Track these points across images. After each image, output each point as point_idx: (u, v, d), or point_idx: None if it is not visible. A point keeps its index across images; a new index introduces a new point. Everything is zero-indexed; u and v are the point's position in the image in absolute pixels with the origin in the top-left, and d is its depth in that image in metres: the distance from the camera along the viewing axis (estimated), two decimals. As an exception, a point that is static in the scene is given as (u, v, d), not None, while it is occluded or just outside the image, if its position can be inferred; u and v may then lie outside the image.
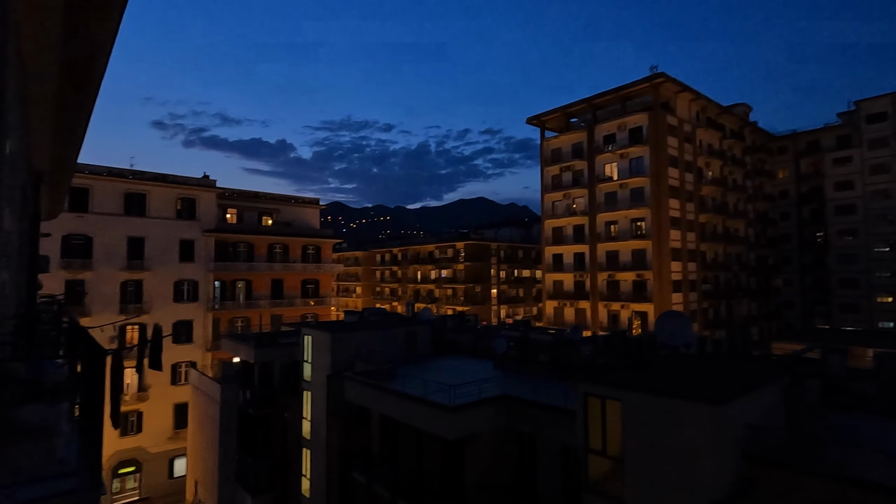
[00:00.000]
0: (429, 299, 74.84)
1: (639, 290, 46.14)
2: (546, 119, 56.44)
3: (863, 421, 13.54)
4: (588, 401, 11.70)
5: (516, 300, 76.73)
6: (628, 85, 48.00)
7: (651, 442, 10.44)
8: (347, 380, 20.42)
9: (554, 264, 54.38)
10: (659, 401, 10.25)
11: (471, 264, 70.59)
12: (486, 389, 16.13)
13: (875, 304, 56.56)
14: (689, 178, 49.36)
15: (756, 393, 11.06)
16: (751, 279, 57.46)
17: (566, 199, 53.74)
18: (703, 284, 49.63)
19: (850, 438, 11.59)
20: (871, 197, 57.71)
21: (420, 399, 15.84)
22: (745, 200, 57.95)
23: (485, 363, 22.44)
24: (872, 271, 57.03)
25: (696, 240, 49.49)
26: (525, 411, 15.68)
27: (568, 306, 52.20)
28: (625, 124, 48.65)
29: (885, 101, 57.19)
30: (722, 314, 51.44)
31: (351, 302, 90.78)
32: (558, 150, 55.24)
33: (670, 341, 18.13)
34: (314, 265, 47.69)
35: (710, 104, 52.84)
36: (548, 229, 55.34)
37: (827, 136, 62.45)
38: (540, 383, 18.19)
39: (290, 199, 50.85)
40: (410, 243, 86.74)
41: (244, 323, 42.38)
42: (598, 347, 21.59)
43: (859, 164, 58.86)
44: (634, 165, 47.55)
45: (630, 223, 47.56)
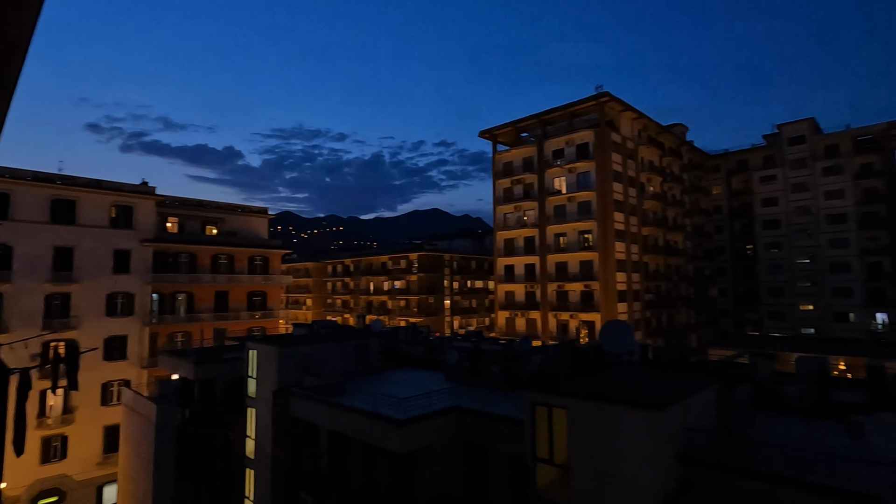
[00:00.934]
0: (382, 311, 73.99)
1: (586, 300, 47.63)
2: (498, 133, 57.66)
3: (787, 421, 14.51)
4: (536, 410, 11.87)
5: (469, 311, 77.24)
6: (575, 102, 49.94)
7: (595, 448, 10.71)
8: (295, 395, 19.74)
9: (506, 275, 55.25)
10: (602, 407, 10.55)
11: (424, 275, 70.51)
12: (437, 402, 16.04)
13: (798, 311, 61.15)
14: (632, 192, 51.76)
15: (692, 398, 11.60)
16: (689, 289, 60.68)
17: (517, 212, 54.91)
18: (646, 294, 51.90)
19: (776, 438, 12.38)
20: (793, 213, 62.64)
21: (369, 413, 15.53)
22: (684, 215, 61.36)
23: (437, 375, 22.34)
24: (795, 281, 61.69)
25: (639, 252, 51.80)
26: (476, 422, 15.70)
27: (519, 316, 53.06)
28: (572, 140, 50.49)
29: (803, 126, 62.55)
30: (664, 322, 53.92)
31: (301, 314, 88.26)
32: (510, 164, 56.49)
33: (615, 349, 18.79)
34: (262, 276, 46.07)
35: (650, 123, 55.82)
36: (500, 241, 56.24)
37: (754, 156, 67.41)
38: (491, 394, 18.32)
39: (236, 207, 49.04)
40: (364, 254, 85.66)
41: (185, 338, 40.20)
42: (547, 357, 22.02)
43: (782, 183, 63.84)
44: (582, 180, 49.34)
45: (578, 235, 49.16)
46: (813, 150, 61.57)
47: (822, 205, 60.45)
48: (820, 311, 59.38)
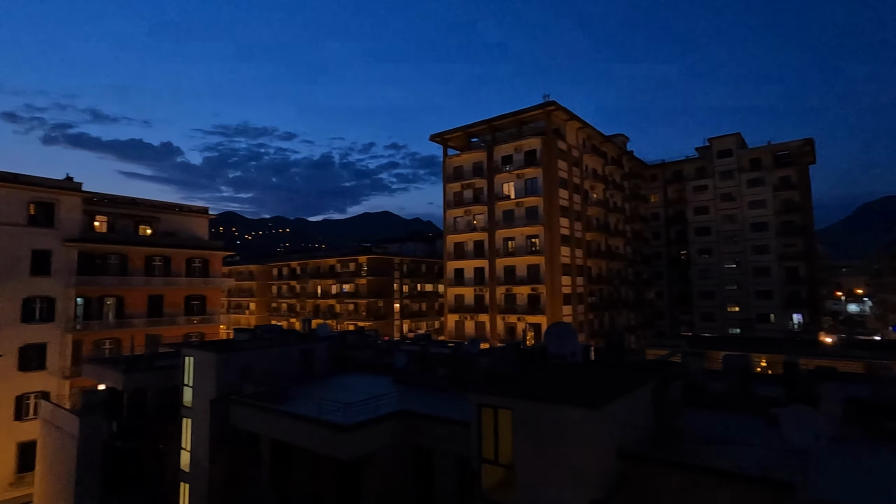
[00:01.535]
0: (329, 315, 72.42)
1: (533, 303, 48.81)
2: (449, 137, 58.10)
3: (715, 415, 15.49)
4: (482, 411, 12.00)
5: (419, 314, 77.09)
6: (524, 110, 51.22)
7: (539, 447, 10.96)
8: (234, 403, 18.90)
9: (455, 279, 55.64)
10: (545, 407, 10.83)
11: (374, 279, 69.72)
12: (384, 406, 15.88)
13: (726, 312, 65.55)
14: (577, 199, 53.66)
15: (629, 395, 12.14)
16: (629, 292, 63.59)
17: (467, 216, 55.51)
18: (589, 297, 53.90)
19: (705, 431, 13.18)
20: (722, 221, 67.19)
21: (313, 420, 15.12)
22: (624, 221, 64.30)
23: (385, 379, 22.11)
24: (723, 285, 66.13)
25: (583, 256, 53.74)
26: (423, 426, 15.66)
27: (468, 319, 53.56)
28: (521, 147, 51.72)
29: (731, 140, 67.32)
30: (606, 324, 56.18)
31: (244, 319, 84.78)
32: (460, 168, 57.04)
33: (559, 350, 19.35)
34: (201, 279, 43.86)
35: (594, 133, 58.16)
36: (450, 244, 56.59)
37: (688, 167, 71.78)
38: (439, 397, 18.36)
39: (174, 207, 46.47)
40: (311, 257, 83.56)
41: (113, 345, 37.54)
42: (494, 359, 22.34)
43: (712, 193, 68.36)
44: (529, 185, 50.62)
45: (526, 240, 50.34)
46: (739, 162, 66.38)
47: (746, 214, 65.22)
48: (745, 313, 63.94)
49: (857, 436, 13.23)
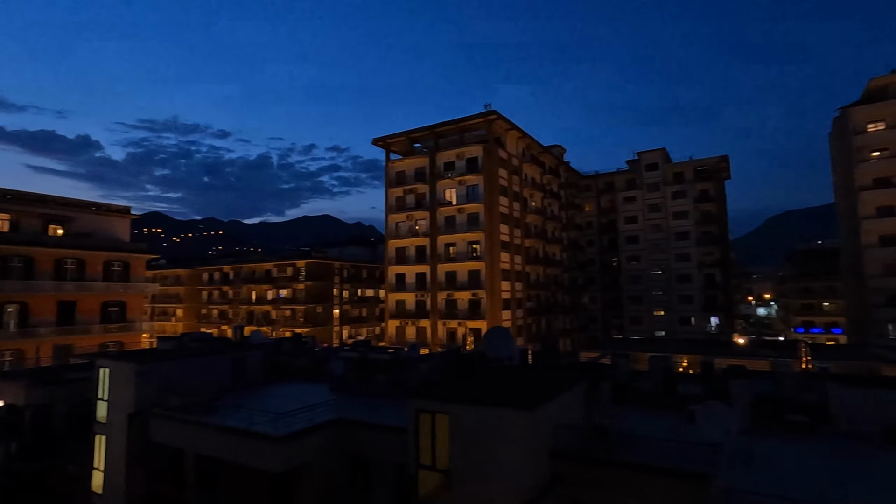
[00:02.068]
0: (264, 321, 69.55)
1: (474, 308, 49.46)
2: (391, 142, 57.83)
3: (641, 413, 16.36)
4: (419, 417, 11.96)
5: (360, 320, 75.83)
6: (466, 118, 52.02)
7: (475, 450, 11.08)
8: (156, 417, 17.62)
9: (397, 284, 55.28)
10: (480, 410, 10.98)
11: (312, 284, 67.82)
12: (320, 415, 15.42)
13: (653, 316, 69.68)
14: (516, 206, 55.12)
15: (562, 397, 12.57)
16: (565, 297, 66.03)
17: (409, 221, 55.40)
18: (527, 302, 55.40)
19: (631, 429, 13.89)
20: (649, 230, 71.51)
21: (243, 431, 14.41)
22: (561, 229, 66.81)
23: (322, 387, 21.50)
24: (651, 290, 70.30)
25: (522, 262, 55.20)
26: (360, 434, 15.37)
27: (410, 325, 53.33)
28: (463, 154, 52.44)
29: (657, 154, 71.96)
30: (543, 328, 57.94)
31: (169, 326, 79.51)
32: (402, 173, 56.91)
33: (497, 354, 19.70)
34: (120, 284, 40.68)
35: (533, 143, 60.10)
36: (391, 249, 56.20)
37: (619, 178, 75.85)
38: (378, 404, 18.10)
39: (91, 205, 42.88)
40: (246, 261, 79.94)
41: (15, 356, 33.90)
42: (434, 364, 22.37)
43: (641, 203, 72.63)
44: (471, 192, 51.40)
45: (467, 245, 50.99)
46: (664, 175, 71.04)
47: (671, 224, 69.84)
48: (669, 316, 68.28)
49: (763, 428, 14.49)
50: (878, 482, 10.54)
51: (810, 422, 14.22)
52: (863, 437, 13.13)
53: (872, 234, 48.67)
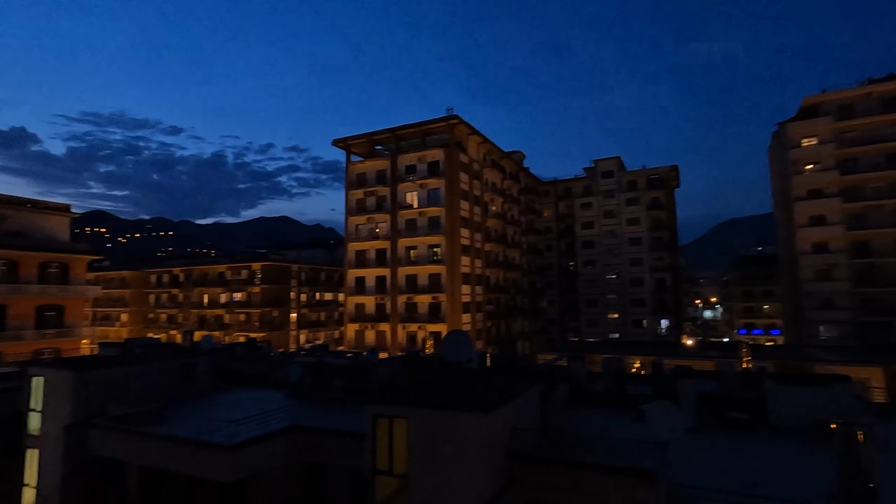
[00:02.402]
0: (217, 326, 67.02)
1: (434, 311, 49.49)
2: (352, 143, 57.20)
3: (595, 413, 16.83)
4: (377, 421, 11.84)
5: (318, 324, 74.34)
6: (428, 122, 52.15)
7: (433, 454, 11.07)
8: (96, 428, 16.61)
9: (356, 287, 54.60)
10: (438, 413, 10.99)
11: (268, 287, 65.96)
12: (274, 422, 14.99)
13: (608, 319, 71.90)
14: (477, 210, 55.66)
15: (519, 399, 12.76)
16: (524, 301, 67.14)
17: (370, 224, 54.90)
18: (487, 306, 55.94)
19: (586, 429, 14.26)
20: (605, 235, 73.85)
21: (191, 441, 13.80)
22: (521, 233, 67.95)
23: (277, 394, 20.92)
24: (606, 294, 72.55)
25: (482, 266, 55.74)
26: (317, 441, 15.04)
27: (369, 329, 52.77)
28: (424, 157, 52.51)
29: (612, 163, 74.51)
30: (502, 331, 58.66)
31: (113, 332, 75.28)
32: (363, 175, 56.37)
33: (456, 358, 19.79)
34: (58, 287, 38.18)
35: (494, 148, 60.91)
36: (351, 252, 55.50)
37: (576, 185, 78.00)
38: (335, 410, 17.78)
39: (25, 202, 40.09)
40: (198, 262, 76.82)
41: (-66, 366, 31.12)
42: (393, 368, 22.23)
43: (597, 209, 74.94)
44: (432, 196, 51.51)
45: (428, 249, 51.01)
46: (619, 183, 73.62)
47: (625, 229, 72.38)
48: (623, 319, 70.65)
49: (708, 425, 15.21)
50: (809, 475, 11.27)
51: (750, 418, 15.05)
52: (797, 432, 14.02)
53: (806, 241, 52.20)
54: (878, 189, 50.61)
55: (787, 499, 9.77)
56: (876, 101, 51.59)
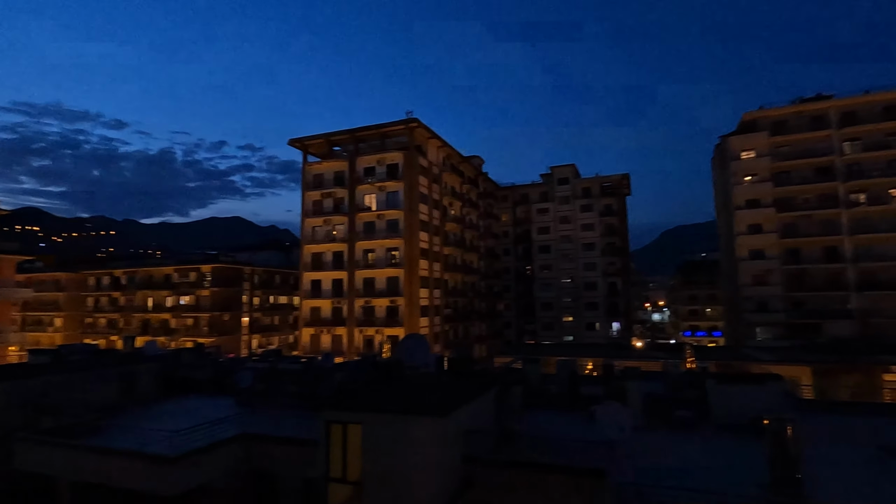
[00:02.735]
0: (162, 331, 63.83)
1: (392, 315, 49.14)
2: (309, 143, 56.09)
3: (549, 415, 17.18)
4: (331, 427, 11.62)
5: (271, 329, 72.18)
6: (387, 124, 51.89)
7: (388, 459, 10.96)
8: (22, 442, 15.42)
9: (312, 290, 53.46)
10: (394, 418, 10.90)
11: (219, 290, 63.48)
12: (222, 431, 14.42)
13: (563, 322, 73.67)
14: (436, 214, 55.79)
15: (474, 402, 12.86)
16: (482, 304, 67.78)
17: (327, 226, 53.95)
18: (445, 309, 56.10)
19: (540, 431, 14.53)
20: (560, 240, 75.73)
21: (131, 453, 13.06)
22: (479, 237, 68.64)
23: (226, 401, 20.14)
24: (561, 297, 74.33)
25: (440, 269, 55.88)
26: (267, 449, 14.60)
27: (325, 333, 51.76)
28: (383, 160, 52.18)
29: (568, 170, 76.61)
30: (460, 335, 58.96)
31: (46, 338, 70.24)
32: (321, 176, 55.36)
33: (413, 362, 19.70)
34: (-18, 290, 35.31)
35: (453, 152, 61.32)
36: (307, 255, 54.31)
37: (533, 191, 79.63)
38: (288, 416, 17.31)
39: (-56, 198, 36.81)
40: (142, 264, 72.96)
41: None
42: (349, 373, 21.89)
43: (553, 215, 76.77)
44: (391, 199, 51.23)
45: (386, 252, 50.65)
46: (574, 190, 75.76)
47: (579, 235, 74.51)
48: (577, 322, 72.60)
49: (654, 424, 15.84)
50: (746, 468, 11.94)
51: (693, 417, 15.79)
52: (735, 428, 14.83)
53: (744, 248, 55.51)
54: (808, 200, 54.57)
55: (724, 491, 10.31)
56: (806, 118, 55.67)
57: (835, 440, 13.99)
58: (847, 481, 11.13)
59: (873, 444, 13.28)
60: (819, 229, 53.24)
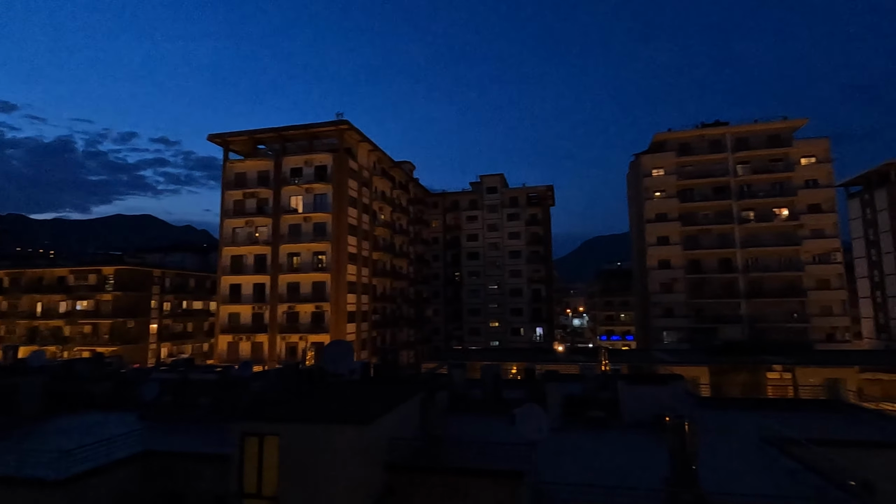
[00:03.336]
0: (53, 340, 57.27)
1: (317, 321, 47.62)
2: (232, 140, 53.19)
3: (473, 419, 17.45)
4: (246, 440, 11.01)
5: (184, 336, 67.22)
6: (317, 124, 50.49)
7: (307, 471, 10.56)
8: None
9: (231, 295, 50.51)
10: (313, 428, 10.55)
11: (123, 294, 58.17)
12: (121, 449, 13.17)
13: (489, 327, 75.35)
14: (365, 218, 55.00)
15: (399, 409, 12.76)
16: (411, 310, 67.63)
17: (249, 227, 51.31)
18: (373, 315, 55.32)
19: (464, 435, 14.71)
20: (488, 247, 77.59)
21: (7, 479, 11.54)
22: (408, 243, 68.56)
23: (128, 416, 18.47)
24: (488, 303, 76.05)
25: (369, 275, 55.08)
26: (175, 466, 13.52)
27: (244, 340, 49.05)
28: (312, 161, 50.65)
29: (496, 179, 78.84)
30: (388, 341, 58.36)
31: None
32: (243, 175, 52.63)
33: (337, 369, 19.18)
34: None
35: (384, 157, 60.90)
36: (226, 258, 51.28)
37: (463, 198, 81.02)
38: (199, 430, 16.19)
39: None
40: (30, 265, 65.06)
41: None
42: (269, 383, 20.88)
43: (482, 223, 78.55)
44: (319, 201, 49.79)
45: (312, 256, 49.07)
46: (502, 199, 78.07)
47: (506, 243, 76.80)
48: (503, 327, 74.57)
49: (571, 425, 16.62)
50: (651, 463, 12.86)
51: (605, 416, 16.77)
52: (643, 425, 15.93)
53: (654, 258, 60.13)
54: (708, 216, 60.31)
55: (632, 486, 11.02)
56: (707, 141, 61.61)
57: (726, 433, 15.48)
58: (733, 469, 12.34)
59: (756, 435, 14.85)
60: (717, 242, 58.97)
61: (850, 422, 17.70)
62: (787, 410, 19.60)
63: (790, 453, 13.18)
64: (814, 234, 57.01)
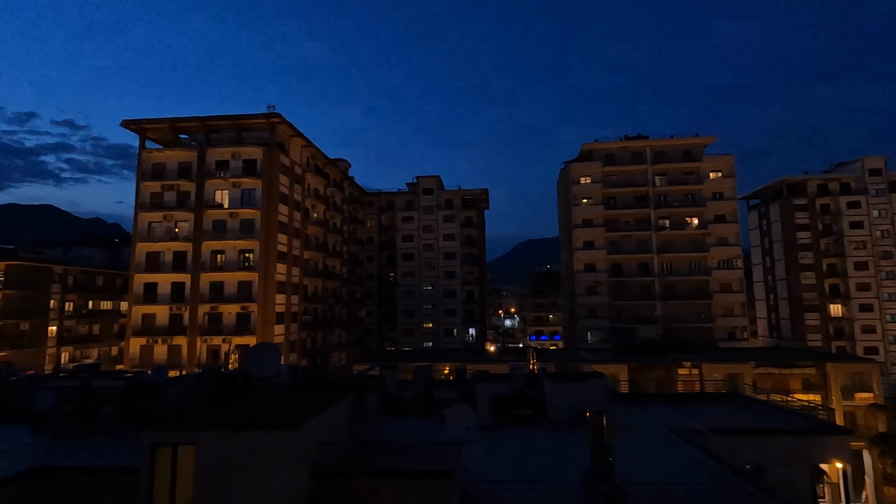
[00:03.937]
0: (-74, 344, 50.01)
1: (243, 322, 45.36)
2: (149, 127, 49.38)
3: (404, 421, 17.39)
4: (157, 451, 10.24)
5: (90, 339, 61.26)
6: (246, 116, 48.14)
7: (227, 483, 10.01)
8: None
9: (146, 295, 46.82)
10: (234, 436, 10.04)
11: (15, 293, 52.03)
12: (5, 466, 11.76)
13: (423, 328, 75.49)
14: (297, 216, 53.16)
15: (326, 413, 12.43)
16: (343, 311, 66.21)
17: (168, 222, 47.82)
18: (304, 316, 53.54)
19: (394, 437, 14.62)
20: (423, 249, 77.80)
21: None
22: (342, 242, 67.11)
23: (18, 429, 16.56)
24: (422, 304, 76.19)
25: (300, 274, 53.27)
26: (72, 483, 12.29)
27: (160, 344, 45.66)
28: (240, 154, 48.18)
29: (432, 181, 79.26)
30: (319, 343, 56.72)
31: None
32: (162, 166, 48.98)
33: (263, 373, 18.34)
34: None
35: (318, 153, 59.23)
36: (141, 254, 47.47)
37: (399, 198, 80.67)
38: (104, 443, 14.87)
39: None
40: None
41: None
42: (187, 389, 19.57)
43: (417, 224, 78.61)
44: (247, 197, 47.45)
45: (238, 254, 46.67)
46: (438, 200, 78.59)
47: (441, 244, 77.40)
48: (437, 328, 75.03)
49: (499, 423, 17.05)
50: (573, 457, 13.49)
51: (532, 414, 17.38)
52: (567, 421, 16.67)
53: (580, 262, 63.23)
54: (629, 223, 64.38)
55: (554, 481, 11.51)
56: (629, 153, 65.74)
57: (640, 426, 16.58)
58: (646, 460, 13.24)
59: (666, 427, 16.04)
60: (636, 248, 63.10)
61: (746, 413, 19.62)
62: (695, 404, 21.37)
63: (695, 443, 14.36)
64: (719, 241, 62.61)
